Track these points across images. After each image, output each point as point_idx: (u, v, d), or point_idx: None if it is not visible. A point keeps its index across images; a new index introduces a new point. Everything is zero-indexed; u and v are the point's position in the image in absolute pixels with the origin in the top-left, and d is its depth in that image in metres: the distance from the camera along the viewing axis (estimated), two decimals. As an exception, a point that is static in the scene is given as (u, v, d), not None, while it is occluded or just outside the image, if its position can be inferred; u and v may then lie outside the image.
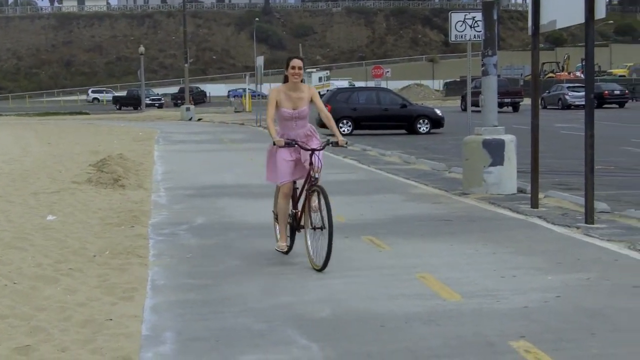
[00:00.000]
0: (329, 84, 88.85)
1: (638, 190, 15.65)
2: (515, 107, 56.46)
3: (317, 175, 8.85)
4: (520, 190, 14.79)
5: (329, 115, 9.17)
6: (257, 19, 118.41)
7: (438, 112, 36.73)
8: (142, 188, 16.84)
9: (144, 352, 6.15)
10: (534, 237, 10.76)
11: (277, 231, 9.66)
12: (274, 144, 8.92)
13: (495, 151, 14.75)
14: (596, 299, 7.47)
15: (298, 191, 9.29)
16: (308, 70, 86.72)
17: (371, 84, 67.32)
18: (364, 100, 36.29)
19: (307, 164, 8.96)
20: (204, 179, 18.59)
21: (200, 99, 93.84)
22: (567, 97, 59.91)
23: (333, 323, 6.85)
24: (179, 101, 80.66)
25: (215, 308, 7.40)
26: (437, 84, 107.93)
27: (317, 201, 8.73)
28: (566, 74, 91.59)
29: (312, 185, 8.86)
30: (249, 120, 51.27)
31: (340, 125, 35.36)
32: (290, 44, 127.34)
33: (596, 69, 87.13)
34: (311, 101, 9.15)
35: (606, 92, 60.98)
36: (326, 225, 8.47)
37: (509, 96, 55.52)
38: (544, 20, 13.23)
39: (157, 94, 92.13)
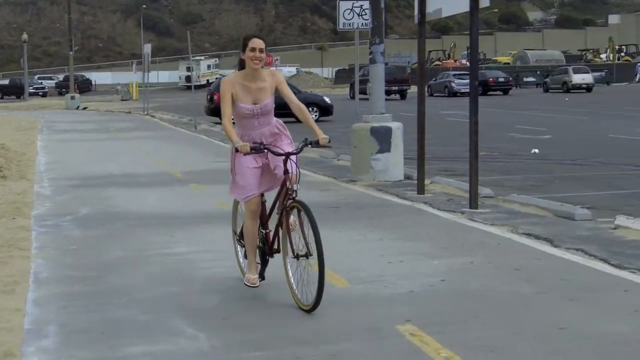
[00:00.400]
0: (217, 72, 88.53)
1: (520, 175, 16.05)
2: (403, 95, 57.25)
3: (295, 187, 6.94)
4: (407, 177, 14.99)
5: (303, 107, 7.20)
6: (144, 6, 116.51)
7: (327, 100, 36.94)
8: (24, 179, 16.40)
9: (26, 347, 5.99)
10: (420, 222, 10.91)
11: (241, 257, 7.90)
12: (237, 150, 6.91)
13: (382, 138, 14.91)
14: (480, 282, 7.62)
15: (267, 206, 7.35)
16: (196, 58, 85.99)
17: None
18: (253, 88, 36.17)
19: (279, 172, 7.06)
20: (89, 168, 18.23)
21: (85, 87, 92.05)
22: (453, 84, 61.02)
23: (221, 312, 6.80)
24: (64, 90, 78.90)
25: (101, 300, 7.26)
26: (326, 72, 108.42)
27: (297, 220, 6.88)
28: (452, 61, 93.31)
29: (290, 199, 6.94)
30: (136, 108, 50.56)
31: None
32: (179, 32, 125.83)
33: (481, 56, 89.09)
34: (277, 90, 7.23)
35: (491, 79, 62.37)
36: (313, 251, 6.60)
37: (397, 84, 56.28)
38: (430, 8, 13.41)
39: (41, 82, 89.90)
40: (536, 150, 20.37)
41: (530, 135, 25.41)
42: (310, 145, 7.07)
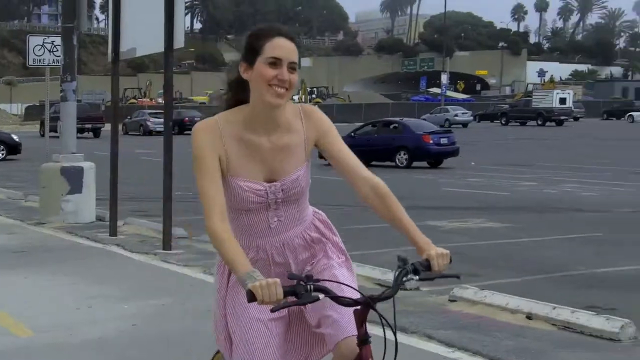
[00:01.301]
0: None
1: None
2: (97, 133, 56.22)
3: None
4: (99, 219, 14.62)
5: (383, 188, 3.36)
6: None
7: (15, 137, 35.66)
8: None
9: None
10: (111, 265, 10.65)
11: None
12: (252, 295, 2.99)
13: (73, 179, 14.47)
14: (172, 324, 7.53)
15: None
16: None
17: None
18: None
19: (329, 333, 3.36)
20: None
21: None
22: (148, 123, 60.79)
23: None
24: None
25: None
26: (16, 108, 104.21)
27: None
28: (148, 100, 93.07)
29: None
30: None
31: None
32: None
33: (177, 95, 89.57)
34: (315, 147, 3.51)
35: (186, 118, 62.70)
36: None
37: (90, 121, 55.18)
38: (124, 47, 13.23)
39: None
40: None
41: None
42: (416, 277, 3.20)
